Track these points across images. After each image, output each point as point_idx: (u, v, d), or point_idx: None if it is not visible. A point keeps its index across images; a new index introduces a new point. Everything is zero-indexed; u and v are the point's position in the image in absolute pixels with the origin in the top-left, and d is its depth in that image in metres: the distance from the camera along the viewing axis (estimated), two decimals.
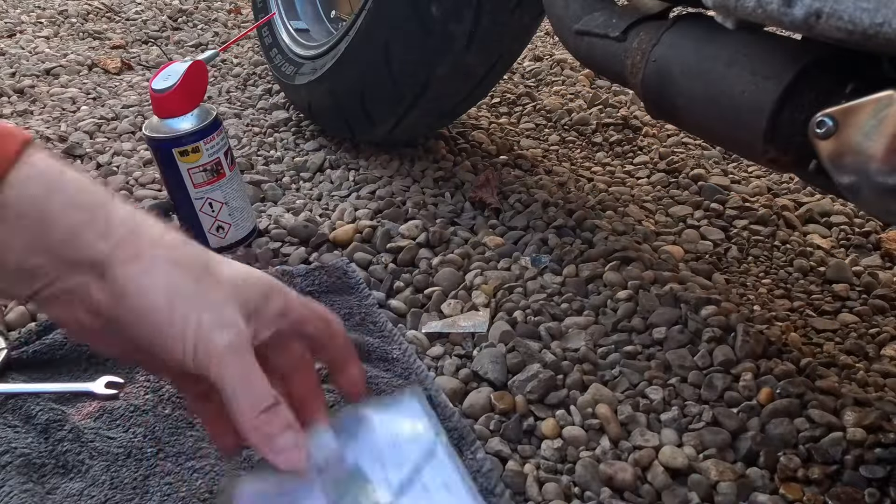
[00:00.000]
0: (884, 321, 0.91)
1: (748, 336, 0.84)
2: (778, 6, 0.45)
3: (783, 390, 0.77)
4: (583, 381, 0.79)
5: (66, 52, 1.80)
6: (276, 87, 1.58)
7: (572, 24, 0.77)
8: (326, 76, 1.22)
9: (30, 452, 0.66)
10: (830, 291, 0.97)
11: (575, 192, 1.20)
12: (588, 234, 1.06)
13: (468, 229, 1.09)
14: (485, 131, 1.42)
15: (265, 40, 1.48)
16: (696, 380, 0.79)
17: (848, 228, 1.11)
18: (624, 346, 0.84)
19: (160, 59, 1.76)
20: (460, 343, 0.86)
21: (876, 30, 0.40)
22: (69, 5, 2.14)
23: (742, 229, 1.11)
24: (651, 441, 0.72)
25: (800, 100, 0.52)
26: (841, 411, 0.75)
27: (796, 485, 0.68)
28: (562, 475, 0.69)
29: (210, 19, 2.09)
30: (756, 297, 0.95)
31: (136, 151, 1.32)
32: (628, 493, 0.67)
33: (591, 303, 0.92)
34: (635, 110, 1.50)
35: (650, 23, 0.70)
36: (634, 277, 0.95)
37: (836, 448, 0.70)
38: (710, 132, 0.63)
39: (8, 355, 0.77)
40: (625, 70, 0.70)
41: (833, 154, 0.46)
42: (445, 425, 0.70)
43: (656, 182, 1.25)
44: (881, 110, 0.43)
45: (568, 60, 1.78)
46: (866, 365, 0.83)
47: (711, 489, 0.68)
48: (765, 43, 0.56)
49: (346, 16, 1.44)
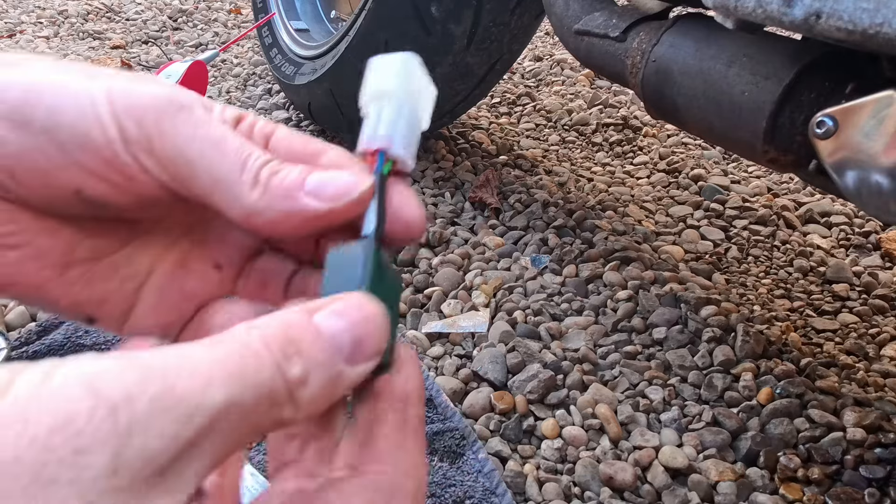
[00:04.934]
0: (884, 321, 0.91)
1: (748, 336, 0.84)
2: (778, 6, 0.45)
3: (783, 390, 0.77)
4: (583, 381, 0.79)
5: (66, 53, 1.79)
6: (276, 87, 1.58)
7: (572, 24, 0.77)
8: (326, 76, 1.22)
9: None
10: (830, 291, 0.97)
11: (575, 193, 1.20)
12: (588, 234, 1.06)
13: (468, 229, 1.09)
14: (485, 131, 1.42)
15: (265, 40, 1.48)
16: (696, 380, 0.79)
17: (848, 228, 1.11)
18: (624, 346, 0.84)
19: (160, 59, 1.76)
20: (460, 343, 0.86)
21: (876, 30, 0.40)
22: (69, 5, 2.14)
23: (742, 229, 1.11)
24: (651, 441, 0.72)
25: (800, 100, 0.52)
26: (841, 411, 0.75)
27: (796, 485, 0.68)
28: (562, 475, 0.69)
29: (210, 19, 2.09)
30: (756, 297, 0.95)
31: None
32: (628, 493, 0.67)
33: (591, 303, 0.92)
34: (635, 110, 1.50)
35: (650, 23, 0.70)
36: (634, 277, 0.95)
37: (836, 448, 0.70)
38: (709, 132, 0.63)
39: (8, 355, 0.77)
40: (625, 70, 0.70)
41: (833, 154, 0.47)
42: (445, 425, 0.70)
43: (656, 182, 1.25)
44: (881, 110, 0.43)
45: (568, 60, 1.78)
46: (866, 365, 0.83)
47: (711, 489, 0.68)
48: (765, 43, 0.56)
49: (346, 16, 1.44)
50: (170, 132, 0.24)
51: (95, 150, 0.24)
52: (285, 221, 0.24)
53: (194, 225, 0.29)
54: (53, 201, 0.25)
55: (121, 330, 0.28)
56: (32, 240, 0.25)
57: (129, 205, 0.25)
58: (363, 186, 0.25)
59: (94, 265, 0.27)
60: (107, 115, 0.24)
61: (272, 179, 0.24)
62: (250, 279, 0.29)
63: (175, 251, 0.29)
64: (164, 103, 0.24)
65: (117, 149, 0.24)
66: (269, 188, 0.24)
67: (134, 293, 0.28)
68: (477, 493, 0.64)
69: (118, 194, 0.25)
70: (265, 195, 0.24)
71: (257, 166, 0.24)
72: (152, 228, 0.28)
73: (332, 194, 0.24)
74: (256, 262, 0.30)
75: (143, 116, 0.24)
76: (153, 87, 0.24)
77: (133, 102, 0.24)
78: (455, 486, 0.64)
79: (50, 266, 0.26)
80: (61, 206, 0.25)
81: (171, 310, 0.28)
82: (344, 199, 0.24)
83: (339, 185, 0.25)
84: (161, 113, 0.24)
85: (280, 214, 0.24)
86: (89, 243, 0.27)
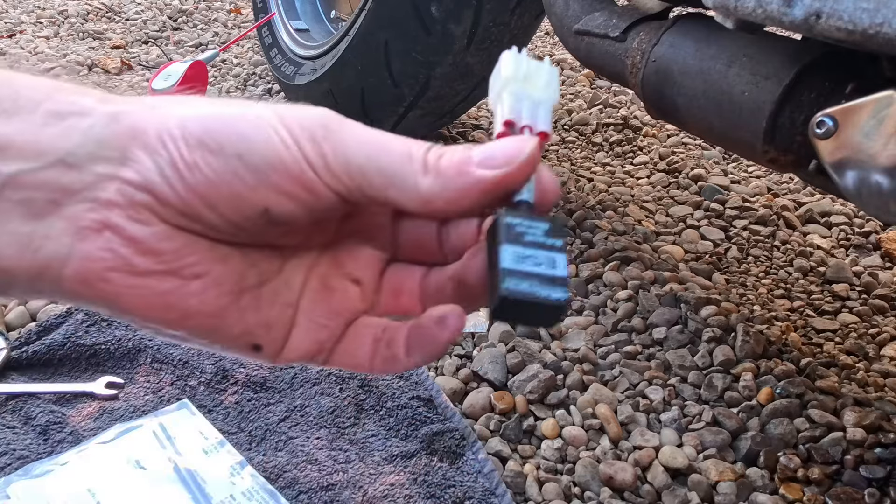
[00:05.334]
0: (884, 321, 0.91)
1: (748, 336, 0.84)
2: (778, 6, 0.45)
3: (783, 390, 0.77)
4: (583, 381, 0.79)
5: (65, 53, 1.79)
6: (276, 87, 1.58)
7: (572, 24, 0.77)
8: (326, 76, 1.22)
9: (28, 454, 0.66)
10: (830, 291, 0.97)
11: (575, 192, 1.20)
12: (588, 234, 1.06)
13: None
14: (485, 131, 1.42)
15: (265, 40, 1.48)
16: (696, 380, 0.79)
17: (848, 228, 1.11)
18: (624, 346, 0.84)
19: (160, 59, 1.76)
20: (460, 343, 0.86)
21: (876, 30, 0.40)
22: (69, 5, 2.14)
23: (742, 229, 1.11)
24: (651, 441, 0.72)
25: (800, 100, 0.52)
26: (841, 411, 0.75)
27: (796, 485, 0.68)
28: (562, 475, 0.69)
29: (210, 19, 2.09)
30: (756, 297, 0.95)
31: None
32: (628, 493, 0.67)
33: (591, 303, 0.92)
34: (635, 110, 1.50)
35: (650, 23, 0.70)
36: (634, 277, 0.95)
37: (836, 448, 0.70)
38: (710, 132, 0.63)
39: (8, 355, 0.77)
40: (625, 70, 0.70)
41: (833, 154, 0.46)
42: (445, 425, 0.70)
43: (656, 182, 1.25)
44: (881, 110, 0.43)
45: (568, 60, 1.78)
46: (866, 365, 0.83)
47: (711, 489, 0.68)
48: (765, 43, 0.56)
49: (346, 16, 1.44)
50: (339, 145, 0.25)
51: (285, 170, 0.25)
52: (463, 198, 0.25)
53: (328, 245, 0.30)
54: (240, 224, 0.26)
55: (278, 356, 0.29)
56: (211, 269, 0.26)
57: (305, 221, 0.27)
58: (530, 145, 0.26)
59: (260, 291, 0.28)
60: (288, 137, 0.25)
61: (441, 162, 0.26)
62: (384, 291, 0.31)
63: (317, 273, 0.30)
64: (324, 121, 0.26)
65: (304, 167, 0.25)
66: (440, 170, 0.25)
67: (292, 317, 0.29)
68: (477, 494, 0.64)
69: (301, 211, 0.26)
70: (438, 178, 0.25)
71: (422, 154, 0.26)
72: (296, 253, 0.29)
73: (502, 160, 0.26)
74: (386, 275, 0.31)
75: (314, 135, 0.25)
76: (309, 110, 0.26)
77: (302, 124, 0.26)
78: (455, 487, 0.64)
79: (226, 293, 0.27)
80: (246, 228, 0.26)
81: (323, 329, 0.29)
82: (517, 161, 0.26)
83: (507, 150, 0.26)
84: (326, 130, 0.26)
85: (456, 192, 0.25)
86: (255, 270, 0.28)
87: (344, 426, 0.71)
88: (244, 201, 0.25)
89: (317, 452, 0.67)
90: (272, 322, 0.28)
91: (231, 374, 0.76)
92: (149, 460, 0.65)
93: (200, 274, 0.26)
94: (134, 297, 0.25)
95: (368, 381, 0.75)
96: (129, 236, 0.24)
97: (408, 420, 0.71)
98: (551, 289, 0.25)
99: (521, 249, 0.25)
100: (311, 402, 0.73)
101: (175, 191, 0.25)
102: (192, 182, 0.25)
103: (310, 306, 0.29)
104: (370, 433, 0.71)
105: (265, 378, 0.77)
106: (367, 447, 0.69)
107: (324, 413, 0.72)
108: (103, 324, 0.81)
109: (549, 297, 0.24)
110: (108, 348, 0.78)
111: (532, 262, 0.25)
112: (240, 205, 0.25)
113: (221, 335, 0.27)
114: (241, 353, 0.28)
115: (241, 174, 0.25)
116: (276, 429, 0.71)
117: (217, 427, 0.70)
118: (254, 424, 0.71)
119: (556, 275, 0.25)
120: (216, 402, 0.74)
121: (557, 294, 0.25)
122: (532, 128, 0.27)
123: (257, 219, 0.26)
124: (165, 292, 0.25)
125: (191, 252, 0.26)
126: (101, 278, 0.24)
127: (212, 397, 0.74)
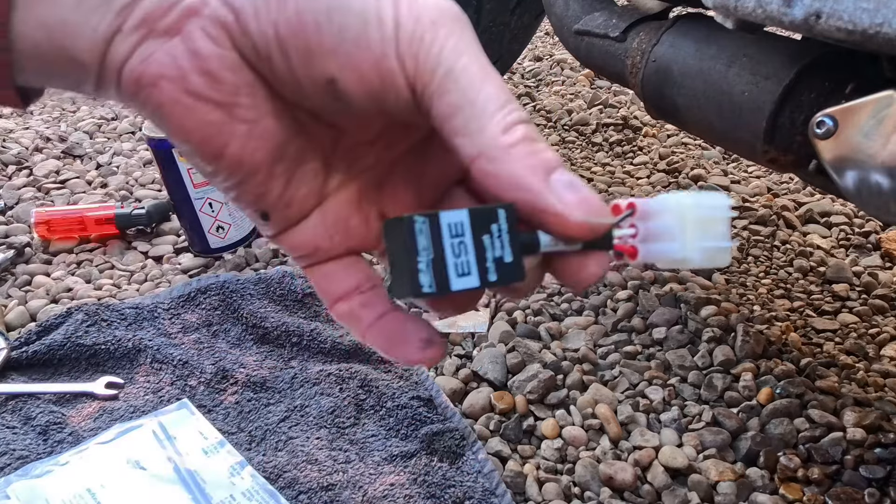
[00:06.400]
0: (884, 321, 0.91)
1: (748, 336, 0.84)
2: (778, 6, 0.45)
3: (783, 390, 0.77)
4: (583, 381, 0.79)
5: None
6: None
7: (572, 24, 0.77)
8: None
9: (28, 454, 0.66)
10: (830, 291, 0.97)
11: None
12: None
13: None
14: None
15: None
16: (696, 380, 0.79)
17: (848, 228, 1.11)
18: (624, 346, 0.84)
19: None
20: (460, 343, 0.86)
21: (876, 30, 0.40)
22: None
23: (742, 229, 1.11)
24: (651, 441, 0.72)
25: (800, 100, 0.52)
26: (841, 411, 0.75)
27: (796, 485, 0.68)
28: (562, 475, 0.69)
29: None
30: (756, 297, 0.95)
31: (135, 151, 1.32)
32: (628, 493, 0.67)
33: (591, 303, 0.92)
34: (635, 110, 1.50)
35: (650, 23, 0.70)
36: (634, 277, 0.95)
37: (836, 448, 0.70)
38: (710, 132, 0.63)
39: (8, 355, 0.77)
40: (625, 70, 0.70)
41: (833, 154, 0.47)
42: (445, 425, 0.70)
43: (656, 182, 1.25)
44: (881, 110, 0.43)
45: (568, 60, 1.78)
46: (866, 365, 0.83)
47: (711, 489, 0.68)
48: (765, 43, 0.57)
49: None
50: (441, 38, 0.23)
51: (368, 45, 0.23)
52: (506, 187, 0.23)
53: (383, 168, 0.29)
54: (304, 86, 0.24)
55: (277, 237, 0.28)
56: (261, 120, 0.25)
57: (366, 110, 0.24)
58: (603, 221, 0.23)
59: (297, 168, 0.27)
60: (389, 16, 0.23)
61: (522, 144, 0.23)
62: None
63: (355, 185, 0.29)
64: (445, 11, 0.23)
65: (388, 51, 0.23)
66: (515, 148, 0.23)
67: (311, 209, 0.28)
68: (477, 494, 0.64)
69: (365, 95, 0.24)
70: (511, 150, 0.23)
71: (514, 118, 0.23)
72: (348, 153, 0.28)
73: (574, 202, 0.23)
74: None
75: (421, 16, 0.23)
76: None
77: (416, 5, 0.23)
78: (455, 487, 0.64)
79: (266, 151, 0.25)
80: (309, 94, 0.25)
81: (327, 239, 0.28)
82: (578, 214, 0.23)
83: (590, 203, 0.23)
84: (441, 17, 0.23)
85: (509, 181, 0.23)
86: (299, 143, 0.27)
87: (344, 426, 0.71)
88: (315, 61, 0.23)
89: (317, 452, 0.67)
90: (292, 202, 0.27)
91: (231, 374, 0.76)
92: (149, 460, 0.65)
93: (249, 120, 0.25)
94: (176, 114, 0.24)
95: (368, 382, 0.75)
96: (195, 49, 0.23)
97: (408, 420, 0.71)
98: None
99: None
100: (311, 402, 0.73)
101: (258, 21, 0.23)
102: (276, 18, 0.23)
103: (330, 210, 0.28)
104: (370, 433, 0.71)
105: (265, 378, 0.77)
106: (367, 447, 0.69)
107: (324, 413, 0.72)
108: (103, 324, 0.81)
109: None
110: (108, 348, 0.78)
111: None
112: (309, 63, 0.23)
113: (243, 189, 0.26)
114: (249, 214, 0.28)
115: (322, 31, 0.23)
116: (276, 429, 0.71)
117: (217, 427, 0.70)
118: (254, 424, 0.71)
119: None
120: (216, 402, 0.74)
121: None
122: (635, 210, 0.25)
123: (320, 86, 0.24)
124: (208, 123, 0.24)
125: (249, 93, 0.24)
126: (152, 83, 0.23)
127: (212, 397, 0.74)
